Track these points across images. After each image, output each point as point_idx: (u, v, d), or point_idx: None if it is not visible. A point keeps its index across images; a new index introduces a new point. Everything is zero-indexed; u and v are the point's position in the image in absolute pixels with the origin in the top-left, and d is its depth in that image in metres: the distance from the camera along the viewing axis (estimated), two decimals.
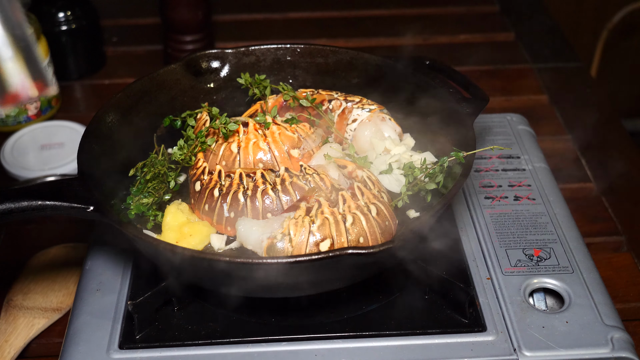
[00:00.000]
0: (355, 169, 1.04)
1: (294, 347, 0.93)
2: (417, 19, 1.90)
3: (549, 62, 1.75)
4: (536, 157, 1.26)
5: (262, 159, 1.06)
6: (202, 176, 1.04)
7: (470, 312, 0.96)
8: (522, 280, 1.01)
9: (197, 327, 0.95)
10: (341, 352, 0.92)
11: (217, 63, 1.23)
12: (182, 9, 1.54)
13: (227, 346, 0.93)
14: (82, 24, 1.58)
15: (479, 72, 1.70)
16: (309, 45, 1.25)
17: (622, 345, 0.92)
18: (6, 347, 1.02)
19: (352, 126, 1.14)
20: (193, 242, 0.99)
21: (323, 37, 1.79)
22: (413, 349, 0.92)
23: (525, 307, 0.97)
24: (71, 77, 1.64)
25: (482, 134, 1.30)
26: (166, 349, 0.92)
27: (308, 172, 1.02)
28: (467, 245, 1.07)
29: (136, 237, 0.89)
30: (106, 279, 1.02)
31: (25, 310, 1.08)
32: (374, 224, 0.95)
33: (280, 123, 1.10)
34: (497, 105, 1.59)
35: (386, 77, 1.20)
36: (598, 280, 1.02)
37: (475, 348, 0.92)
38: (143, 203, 1.04)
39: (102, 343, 0.93)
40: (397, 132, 1.13)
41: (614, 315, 0.97)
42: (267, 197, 0.99)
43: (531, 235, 1.09)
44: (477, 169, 1.22)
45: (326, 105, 1.17)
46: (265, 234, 0.94)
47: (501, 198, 1.16)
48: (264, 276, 0.88)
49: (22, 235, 1.25)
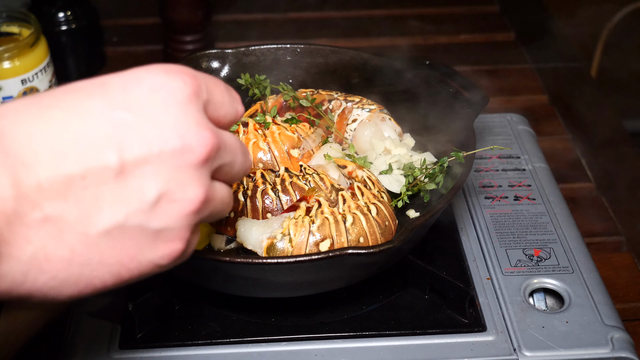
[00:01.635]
0: (355, 169, 1.04)
1: (294, 347, 0.93)
2: (417, 19, 1.90)
3: (549, 62, 1.75)
4: (536, 157, 1.26)
5: (262, 159, 1.06)
6: None
7: (470, 312, 0.96)
8: (522, 280, 1.01)
9: (197, 327, 0.95)
10: (341, 352, 0.92)
11: (217, 63, 1.22)
12: (182, 9, 1.54)
13: (227, 346, 0.93)
14: (82, 24, 1.58)
15: (479, 72, 1.70)
16: (309, 45, 1.25)
17: (622, 345, 0.92)
18: (6, 347, 1.02)
19: (352, 126, 1.14)
20: None
21: (323, 37, 1.79)
22: (413, 349, 0.92)
23: (525, 307, 0.97)
24: (71, 78, 1.64)
25: (482, 134, 1.30)
26: (166, 349, 0.92)
27: (308, 172, 1.02)
28: (467, 245, 1.07)
29: None
30: None
31: (25, 310, 1.08)
32: (374, 224, 0.95)
33: (280, 123, 1.10)
34: (497, 105, 1.59)
35: (386, 77, 1.20)
36: (598, 280, 1.02)
37: (475, 348, 0.92)
38: None
39: (102, 343, 0.93)
40: (397, 132, 1.13)
41: (614, 315, 0.97)
42: (267, 197, 0.99)
43: (531, 235, 1.09)
44: (477, 169, 1.22)
45: (326, 105, 1.17)
46: (265, 234, 0.94)
47: (501, 198, 1.16)
48: (264, 276, 0.88)
49: None
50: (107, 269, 0.57)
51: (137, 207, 0.55)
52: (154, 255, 0.59)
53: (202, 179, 0.58)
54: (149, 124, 0.55)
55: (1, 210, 0.50)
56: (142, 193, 0.55)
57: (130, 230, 0.56)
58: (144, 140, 0.55)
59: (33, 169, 0.51)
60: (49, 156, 0.52)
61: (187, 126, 0.57)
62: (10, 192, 0.50)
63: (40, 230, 0.52)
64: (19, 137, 0.52)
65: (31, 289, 0.54)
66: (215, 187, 0.61)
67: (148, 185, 0.55)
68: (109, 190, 0.54)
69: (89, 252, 0.55)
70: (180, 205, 0.57)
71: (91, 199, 0.53)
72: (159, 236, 0.57)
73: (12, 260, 0.52)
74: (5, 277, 0.52)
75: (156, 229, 0.57)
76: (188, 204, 0.57)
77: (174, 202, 0.56)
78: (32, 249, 0.52)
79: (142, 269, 0.59)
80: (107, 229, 0.54)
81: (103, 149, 0.53)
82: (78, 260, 0.55)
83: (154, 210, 0.56)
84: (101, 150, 0.53)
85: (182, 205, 0.57)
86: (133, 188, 0.55)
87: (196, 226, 0.60)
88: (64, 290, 0.56)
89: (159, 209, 0.56)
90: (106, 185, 0.53)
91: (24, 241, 0.52)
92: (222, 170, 0.62)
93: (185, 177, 0.57)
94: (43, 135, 0.52)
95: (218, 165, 0.61)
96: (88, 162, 0.53)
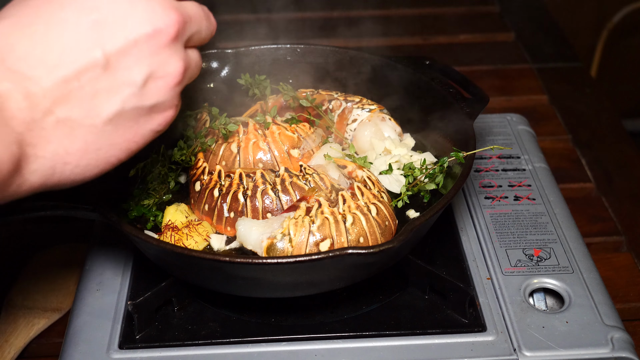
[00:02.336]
0: (355, 169, 1.04)
1: (294, 347, 0.93)
2: (417, 19, 1.90)
3: (549, 62, 1.75)
4: (536, 157, 1.26)
5: (262, 159, 1.06)
6: (202, 176, 1.04)
7: (470, 312, 0.96)
8: (522, 280, 1.01)
9: (197, 327, 0.95)
10: (341, 352, 0.92)
11: (217, 63, 1.22)
12: None
13: (227, 346, 0.93)
14: None
15: (479, 72, 1.70)
16: (309, 45, 1.25)
17: (622, 345, 0.92)
18: (6, 347, 1.02)
19: (352, 126, 1.14)
20: (193, 242, 0.99)
21: (323, 37, 1.79)
22: (413, 349, 0.92)
23: (525, 307, 0.97)
24: None
25: (482, 134, 1.30)
26: (166, 349, 0.92)
27: (308, 172, 1.02)
28: (467, 245, 1.07)
29: (136, 237, 0.88)
30: (106, 279, 1.02)
31: (25, 310, 1.08)
32: (374, 224, 0.95)
33: (280, 123, 1.10)
34: (497, 105, 1.59)
35: (386, 77, 1.20)
36: (598, 280, 1.02)
37: (475, 348, 0.92)
38: (144, 204, 1.04)
39: (102, 343, 0.93)
40: (397, 132, 1.13)
41: (614, 315, 0.97)
42: (267, 197, 0.99)
43: (531, 235, 1.09)
44: (477, 169, 1.22)
45: (326, 105, 1.17)
46: (265, 234, 0.94)
47: (501, 198, 1.16)
48: (264, 276, 0.88)
49: (22, 235, 1.25)
50: (118, 148, 0.68)
51: (129, 93, 0.66)
52: (153, 125, 0.70)
53: (177, 53, 0.68)
54: (120, 19, 0.64)
55: (21, 120, 0.60)
56: (131, 79, 0.65)
57: (129, 113, 0.67)
58: (119, 33, 0.64)
59: (36, 81, 0.61)
60: (44, 68, 0.61)
61: (153, 11, 0.66)
62: (24, 104, 0.61)
63: (56, 131, 0.63)
64: (17, 55, 0.61)
65: (60, 178, 0.66)
66: (189, 55, 0.71)
67: (134, 72, 0.65)
68: (102, 85, 0.64)
69: (100, 139, 0.66)
70: (165, 80, 0.68)
71: (89, 95, 0.63)
72: (154, 110, 0.69)
73: (39, 159, 0.63)
74: (36, 173, 0.63)
75: (150, 105, 0.68)
76: (172, 77, 0.68)
77: (159, 79, 0.67)
78: (53, 147, 0.63)
79: (145, 138, 0.71)
80: (109, 117, 0.65)
81: (86, 49, 0.63)
82: (92, 148, 0.66)
83: (144, 91, 0.66)
84: (85, 50, 0.63)
85: (167, 80, 0.68)
86: (122, 77, 0.65)
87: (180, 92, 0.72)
88: (88, 173, 0.68)
89: (148, 89, 0.67)
90: (98, 80, 0.63)
91: (44, 142, 0.63)
92: (192, 39, 0.72)
93: (163, 56, 0.67)
94: (33, 51, 0.61)
95: (188, 36, 0.71)
96: (77, 64, 0.62)
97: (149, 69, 0.66)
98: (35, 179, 0.64)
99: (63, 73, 0.62)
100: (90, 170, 0.67)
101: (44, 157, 0.63)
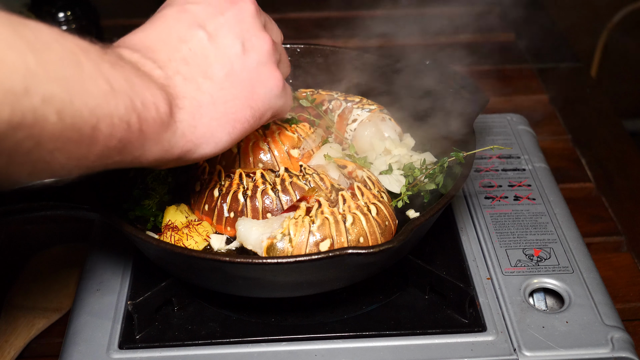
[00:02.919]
0: (355, 169, 1.04)
1: (294, 347, 0.93)
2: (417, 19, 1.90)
3: (549, 62, 1.75)
4: (536, 157, 1.26)
5: (261, 159, 1.06)
6: (202, 176, 1.04)
7: (470, 312, 0.96)
8: (522, 280, 1.01)
9: (197, 327, 0.95)
10: (341, 352, 0.92)
11: None
12: None
13: (227, 346, 0.93)
14: (82, 24, 1.58)
15: (479, 72, 1.70)
16: (309, 45, 1.25)
17: (622, 345, 0.92)
18: (6, 347, 1.02)
19: (352, 126, 1.14)
20: (193, 242, 0.99)
21: (323, 37, 1.79)
22: (413, 349, 0.92)
23: (525, 307, 0.97)
24: None
25: (482, 134, 1.30)
26: (166, 349, 0.92)
27: (308, 172, 1.02)
28: (467, 245, 1.07)
29: (137, 237, 0.89)
30: (106, 279, 1.02)
31: (25, 310, 1.08)
32: (374, 224, 0.95)
33: (280, 123, 1.10)
34: (497, 105, 1.59)
35: (386, 77, 1.20)
36: (598, 280, 1.02)
37: (475, 348, 0.92)
38: (144, 205, 1.04)
39: (102, 343, 0.93)
40: (397, 132, 1.13)
41: (614, 315, 0.97)
42: (267, 197, 0.99)
43: (531, 235, 1.09)
44: (477, 169, 1.22)
45: (326, 105, 1.17)
46: (265, 234, 0.93)
47: (501, 198, 1.16)
48: (264, 276, 0.88)
49: (22, 235, 1.25)
50: (241, 102, 0.82)
51: (233, 53, 0.82)
52: (265, 89, 0.85)
53: (260, 25, 0.85)
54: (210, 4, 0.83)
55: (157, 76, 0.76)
56: (231, 44, 0.82)
57: (239, 70, 0.82)
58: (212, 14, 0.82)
59: (167, 63, 0.78)
60: (167, 52, 0.78)
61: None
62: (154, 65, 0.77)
63: (186, 87, 0.78)
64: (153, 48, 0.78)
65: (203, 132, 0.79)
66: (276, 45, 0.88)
67: (231, 39, 0.82)
68: (209, 52, 0.81)
69: (222, 91, 0.81)
70: (259, 42, 0.84)
71: (202, 60, 0.80)
72: (261, 73, 0.84)
73: (181, 109, 0.77)
74: (183, 122, 0.77)
75: (254, 65, 0.84)
76: (263, 41, 0.84)
77: (255, 40, 0.84)
78: (189, 102, 0.78)
79: (265, 102, 0.86)
80: (224, 73, 0.81)
81: (193, 31, 0.81)
82: (219, 99, 0.80)
83: (245, 52, 0.83)
84: (192, 32, 0.81)
85: (261, 43, 0.84)
86: (224, 44, 0.82)
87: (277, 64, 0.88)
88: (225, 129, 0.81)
89: (247, 50, 0.83)
90: (206, 49, 0.81)
91: (181, 96, 0.77)
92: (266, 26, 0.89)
93: (249, 26, 0.84)
94: (158, 42, 0.79)
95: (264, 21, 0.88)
96: (188, 40, 0.80)
97: (242, 35, 0.83)
98: (184, 128, 0.77)
99: (181, 48, 0.79)
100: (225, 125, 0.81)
101: (184, 109, 0.77)
